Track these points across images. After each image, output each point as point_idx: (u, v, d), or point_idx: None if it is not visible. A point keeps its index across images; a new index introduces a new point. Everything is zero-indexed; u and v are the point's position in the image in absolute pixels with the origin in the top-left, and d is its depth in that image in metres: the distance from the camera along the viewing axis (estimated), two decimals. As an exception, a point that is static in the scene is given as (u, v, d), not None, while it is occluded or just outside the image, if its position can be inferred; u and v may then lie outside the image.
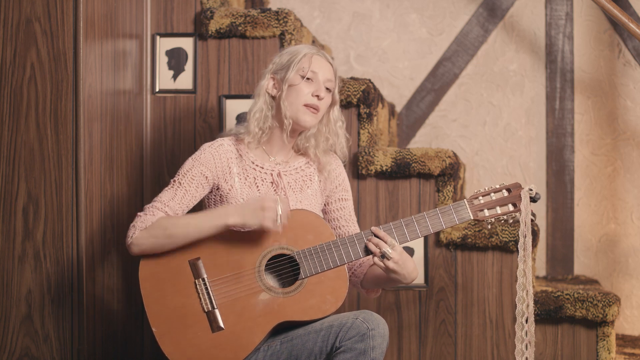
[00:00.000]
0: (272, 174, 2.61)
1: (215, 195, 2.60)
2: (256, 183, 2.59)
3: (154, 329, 2.46)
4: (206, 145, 2.60)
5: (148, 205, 2.53)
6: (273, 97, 2.61)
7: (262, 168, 2.61)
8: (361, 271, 2.67)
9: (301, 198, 2.63)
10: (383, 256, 2.45)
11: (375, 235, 2.48)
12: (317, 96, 2.56)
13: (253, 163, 2.60)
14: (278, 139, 2.63)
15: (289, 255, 2.49)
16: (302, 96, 2.56)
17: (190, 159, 2.58)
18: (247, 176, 2.59)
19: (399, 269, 2.47)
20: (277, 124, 2.61)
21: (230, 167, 2.58)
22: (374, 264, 2.51)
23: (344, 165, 2.82)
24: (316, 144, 2.66)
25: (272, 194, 2.52)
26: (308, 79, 2.57)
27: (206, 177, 2.56)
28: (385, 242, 2.46)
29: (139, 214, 2.52)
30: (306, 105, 2.56)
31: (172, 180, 2.56)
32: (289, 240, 2.50)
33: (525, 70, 4.06)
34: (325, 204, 2.71)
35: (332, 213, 2.71)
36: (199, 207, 2.70)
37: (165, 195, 2.54)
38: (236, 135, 2.64)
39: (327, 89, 2.59)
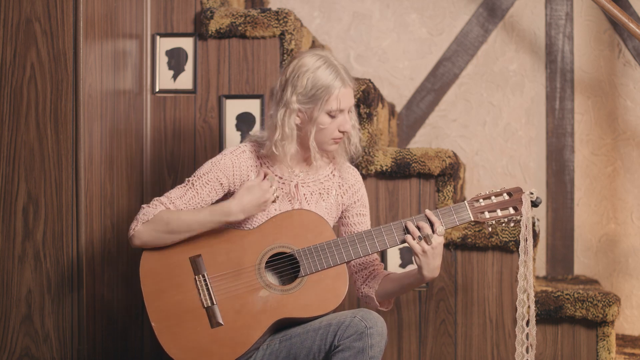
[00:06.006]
0: (289, 185, 2.61)
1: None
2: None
3: (153, 324, 2.47)
4: (228, 151, 2.59)
5: (155, 198, 2.54)
6: (297, 125, 2.57)
7: (281, 178, 2.60)
8: (376, 282, 2.64)
9: (316, 210, 2.62)
10: (422, 239, 2.46)
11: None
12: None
13: (272, 173, 2.59)
14: (297, 154, 2.60)
15: (289, 253, 2.49)
16: (330, 133, 2.55)
17: (209, 162, 2.57)
18: None
19: (430, 258, 2.47)
20: (299, 147, 2.59)
21: (249, 175, 2.58)
22: (410, 246, 2.48)
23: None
24: (336, 151, 2.66)
25: (263, 181, 2.51)
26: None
27: (221, 183, 2.56)
28: (432, 227, 2.48)
29: (143, 205, 2.53)
30: (333, 139, 2.57)
31: (186, 179, 2.56)
32: (290, 238, 2.50)
33: (525, 70, 4.06)
34: (343, 217, 2.70)
35: (352, 226, 2.69)
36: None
37: (175, 192, 2.55)
38: (257, 142, 2.63)
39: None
